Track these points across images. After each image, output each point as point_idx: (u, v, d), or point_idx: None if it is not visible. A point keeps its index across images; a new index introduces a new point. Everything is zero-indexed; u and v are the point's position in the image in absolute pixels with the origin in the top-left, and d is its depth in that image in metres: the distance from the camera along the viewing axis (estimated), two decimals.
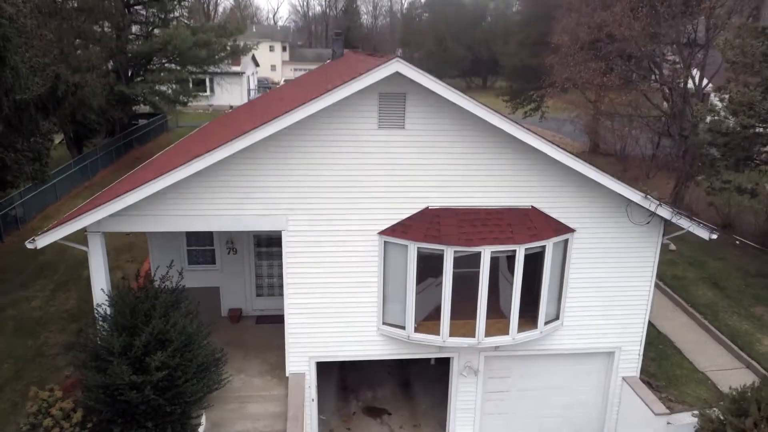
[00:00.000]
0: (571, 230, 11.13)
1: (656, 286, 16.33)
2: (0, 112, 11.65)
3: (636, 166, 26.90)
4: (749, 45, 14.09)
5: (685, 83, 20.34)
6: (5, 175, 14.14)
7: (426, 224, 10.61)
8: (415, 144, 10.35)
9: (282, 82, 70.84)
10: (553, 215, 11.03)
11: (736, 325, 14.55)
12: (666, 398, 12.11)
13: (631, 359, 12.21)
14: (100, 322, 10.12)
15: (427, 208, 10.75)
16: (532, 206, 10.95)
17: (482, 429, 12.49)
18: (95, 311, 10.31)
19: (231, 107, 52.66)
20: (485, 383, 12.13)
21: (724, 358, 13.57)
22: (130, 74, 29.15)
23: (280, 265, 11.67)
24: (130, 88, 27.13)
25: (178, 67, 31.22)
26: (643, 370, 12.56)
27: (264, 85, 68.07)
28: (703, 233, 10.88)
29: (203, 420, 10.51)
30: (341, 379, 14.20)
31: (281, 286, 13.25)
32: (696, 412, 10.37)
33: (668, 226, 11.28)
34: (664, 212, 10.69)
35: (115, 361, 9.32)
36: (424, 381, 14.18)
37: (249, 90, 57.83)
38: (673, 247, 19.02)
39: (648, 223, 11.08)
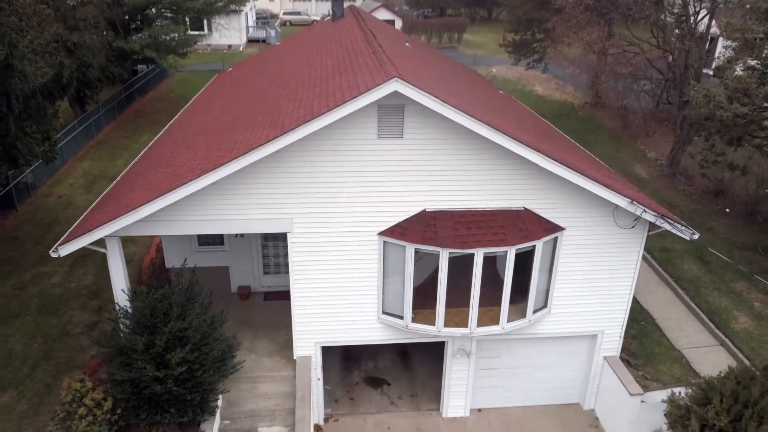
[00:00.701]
0: (561, 229, 11.75)
1: (644, 259, 17.17)
2: (10, 111, 11.96)
3: (636, 123, 27.01)
4: (750, 29, 14.02)
5: (688, 51, 20.20)
6: (17, 158, 14.63)
7: (423, 227, 11.24)
8: (413, 152, 10.79)
9: (281, 15, 68.72)
10: (545, 215, 11.61)
11: (716, 302, 15.46)
12: (642, 376, 13.19)
13: (612, 341, 13.18)
14: (122, 319, 10.99)
15: (424, 210, 11.34)
16: (524, 207, 11.52)
17: (474, 400, 13.68)
18: (117, 308, 11.15)
19: (230, 47, 51.70)
20: (477, 362, 13.18)
21: (702, 335, 14.56)
22: (127, 28, 28.70)
23: (285, 246, 12.38)
24: (129, 43, 26.83)
25: (176, 16, 30.68)
26: (624, 349, 13.58)
27: (262, 17, 66.13)
28: (685, 235, 11.46)
29: (219, 402, 11.61)
30: (345, 349, 15.29)
31: (287, 265, 14.04)
32: (666, 397, 11.40)
33: (653, 225, 11.84)
34: (649, 216, 11.24)
35: (139, 360, 10.28)
36: (420, 351, 15.27)
37: (248, 27, 56.42)
38: None
39: (633, 227, 11.66)
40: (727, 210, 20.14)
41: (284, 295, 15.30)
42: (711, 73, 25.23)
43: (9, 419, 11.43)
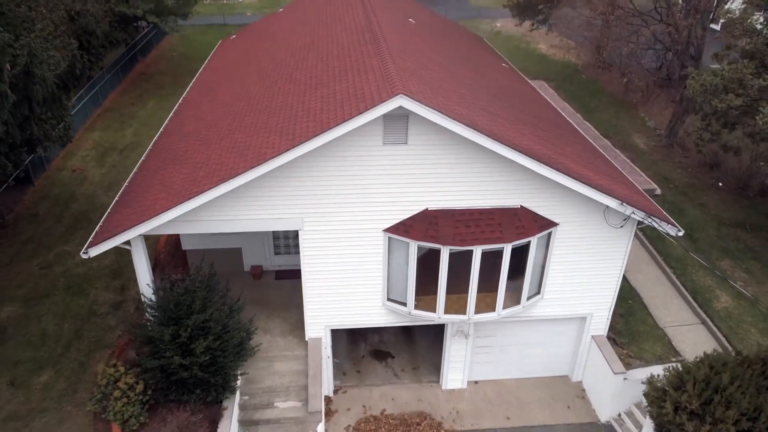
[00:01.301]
0: (555, 224, 12.50)
1: (635, 236, 17.94)
2: (32, 114, 12.43)
3: (637, 87, 27.09)
4: (749, 18, 14.18)
5: (691, 27, 20.19)
6: (35, 144, 15.25)
7: (425, 225, 12.01)
8: (417, 156, 11.41)
9: None
10: (540, 212, 12.34)
11: (701, 281, 16.39)
12: (626, 354, 14.29)
13: (600, 322, 14.21)
14: (149, 311, 11.97)
15: (426, 209, 12.08)
16: (521, 206, 12.24)
17: (470, 373, 14.87)
18: (143, 301, 12.11)
19: None
20: (474, 341, 14.26)
21: (685, 313, 15.58)
22: None
23: None
24: (130, 7, 26.68)
25: None
26: (611, 327, 14.62)
27: None
28: (671, 231, 12.21)
29: (239, 381, 12.76)
30: None
31: (296, 245, 14.99)
32: (645, 378, 12.50)
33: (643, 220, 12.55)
34: (638, 216, 11.96)
35: (167, 349, 11.33)
36: (422, 327, 16.37)
37: None
38: (658, 191, 20.31)
39: (622, 226, 12.41)
40: (720, 184, 20.77)
41: (294, 274, 16.29)
42: (718, 28, 25.10)
43: (51, 397, 12.63)
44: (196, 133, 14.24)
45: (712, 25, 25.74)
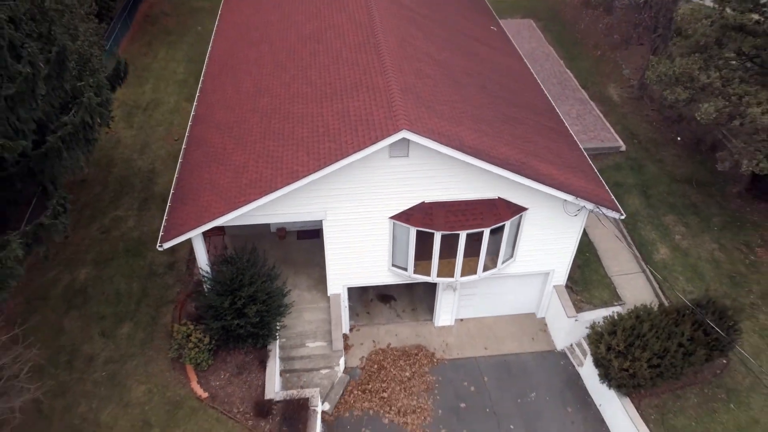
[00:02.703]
0: (525, 209, 15.73)
1: None
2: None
3: (619, 27, 28.69)
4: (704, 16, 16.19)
5: None
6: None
7: (422, 214, 15.23)
8: (416, 165, 14.35)
9: None
10: (513, 201, 15.52)
11: (647, 235, 19.91)
12: (579, 300, 18.12)
13: (560, 275, 17.88)
14: (208, 285, 15.45)
15: (423, 202, 15.22)
16: (498, 197, 15.39)
17: (457, 314, 18.79)
18: (202, 279, 15.56)
19: None
20: (460, 292, 18.01)
21: (630, 264, 19.26)
22: None
23: None
24: None
25: None
26: (570, 276, 18.34)
27: None
28: (615, 215, 15.47)
29: (279, 330, 16.57)
30: None
31: None
32: (589, 323, 16.40)
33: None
34: (588, 206, 15.16)
35: (226, 313, 14.96)
36: None
37: None
38: (623, 148, 23.25)
39: (576, 215, 15.65)
40: (679, 138, 23.64)
41: (313, 234, 19.72)
42: None
43: (134, 345, 16.44)
44: (229, 128, 16.85)
45: None
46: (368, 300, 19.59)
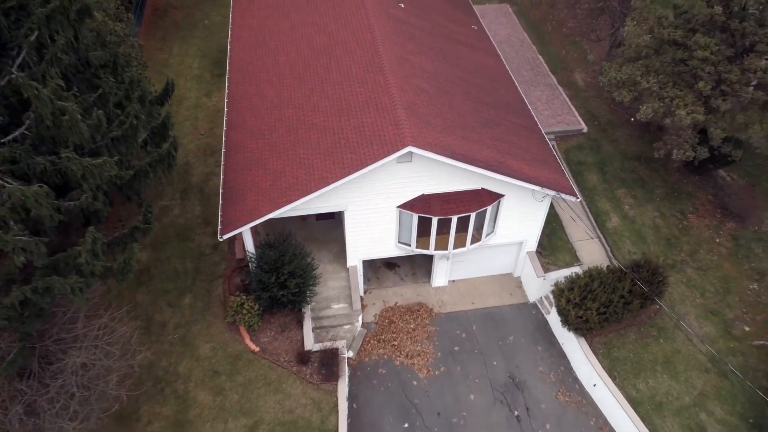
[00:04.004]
0: (502, 195, 19.97)
1: (565, 172, 25.37)
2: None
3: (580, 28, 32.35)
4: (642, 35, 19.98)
5: None
6: None
7: (422, 204, 19.41)
8: (418, 167, 18.41)
9: None
10: (494, 190, 19.73)
11: (602, 206, 24.35)
12: (547, 262, 22.67)
13: (531, 243, 22.35)
14: (255, 266, 19.60)
15: (423, 194, 19.37)
16: (482, 188, 19.58)
17: (450, 276, 23.27)
18: (249, 260, 19.71)
19: None
20: (452, 260, 22.43)
21: (587, 231, 23.76)
22: None
23: None
24: None
25: None
26: (540, 243, 22.82)
27: None
28: (572, 199, 19.77)
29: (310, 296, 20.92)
30: None
31: None
32: (554, 281, 20.98)
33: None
34: (551, 194, 19.43)
35: (272, 286, 19.22)
36: None
37: None
38: (585, 130, 27.38)
39: (542, 200, 19.94)
40: (632, 119, 27.77)
41: (330, 216, 23.82)
42: None
43: (196, 312, 20.69)
44: (261, 135, 20.58)
45: None
46: (377, 267, 23.96)
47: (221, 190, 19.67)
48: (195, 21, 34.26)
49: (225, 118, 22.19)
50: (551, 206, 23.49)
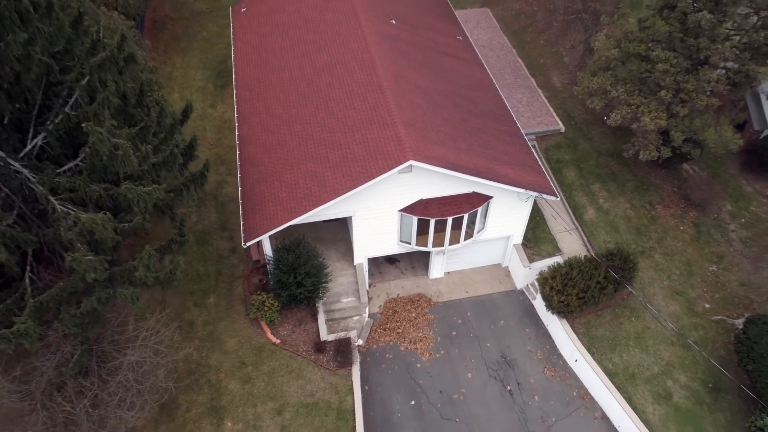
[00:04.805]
0: (491, 197, 22.52)
1: (545, 169, 27.95)
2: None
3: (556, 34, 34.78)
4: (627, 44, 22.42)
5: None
6: None
7: (421, 207, 21.90)
8: (417, 176, 20.85)
9: None
10: (483, 192, 22.26)
11: (579, 200, 27.04)
12: (532, 253, 25.35)
13: (518, 236, 25.01)
14: (273, 268, 21.96)
15: (421, 199, 21.85)
16: (473, 191, 22.10)
17: (446, 268, 25.86)
18: (267, 262, 22.05)
19: None
20: (447, 254, 25.00)
21: (566, 224, 26.46)
22: None
23: None
24: None
25: None
26: (525, 235, 25.47)
27: None
28: (552, 198, 22.38)
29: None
30: None
31: None
32: (539, 271, 23.67)
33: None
34: (533, 194, 22.02)
35: (290, 285, 21.64)
36: None
37: None
38: (562, 129, 29.98)
39: (526, 201, 22.54)
40: (606, 118, 30.36)
41: (335, 219, 26.20)
42: None
43: (221, 310, 23.05)
44: (273, 149, 22.82)
45: None
46: (379, 263, 26.47)
47: (240, 201, 21.95)
48: (193, 33, 36.01)
49: (237, 133, 24.36)
50: (534, 202, 26.10)
